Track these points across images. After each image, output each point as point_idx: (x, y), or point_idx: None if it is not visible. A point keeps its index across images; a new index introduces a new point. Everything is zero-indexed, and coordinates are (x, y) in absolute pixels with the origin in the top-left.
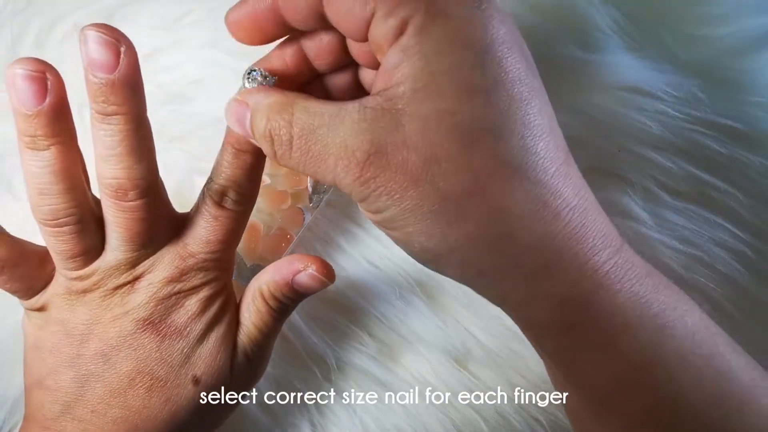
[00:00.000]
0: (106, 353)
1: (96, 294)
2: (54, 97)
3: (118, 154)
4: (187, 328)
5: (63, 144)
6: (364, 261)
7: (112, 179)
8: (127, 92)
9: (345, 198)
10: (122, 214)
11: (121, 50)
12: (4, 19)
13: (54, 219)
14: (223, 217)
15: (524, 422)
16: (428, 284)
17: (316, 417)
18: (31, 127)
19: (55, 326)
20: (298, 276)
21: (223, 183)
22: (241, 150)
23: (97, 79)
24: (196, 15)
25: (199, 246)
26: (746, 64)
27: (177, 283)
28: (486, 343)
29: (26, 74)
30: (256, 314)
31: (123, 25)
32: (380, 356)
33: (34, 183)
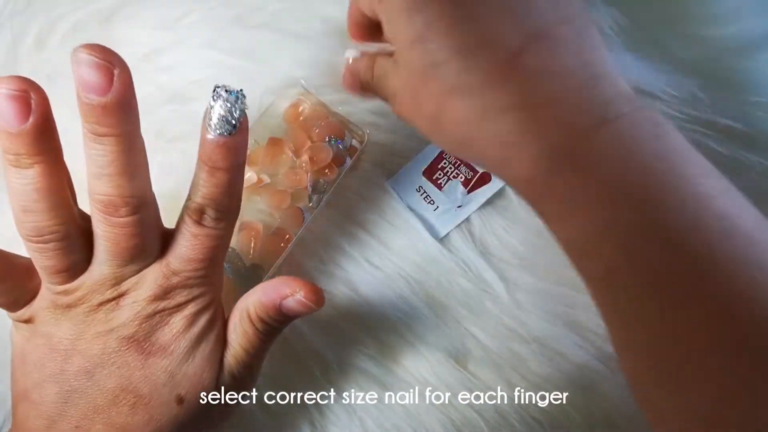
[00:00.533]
0: (90, 370)
1: (80, 309)
2: (37, 117)
3: (110, 173)
4: (171, 346)
5: (47, 162)
6: (365, 261)
7: (103, 195)
8: (120, 114)
9: (345, 198)
10: (112, 229)
11: (114, 73)
12: (4, 19)
13: (38, 236)
14: (203, 236)
15: (524, 422)
16: (428, 284)
17: (316, 417)
18: (15, 145)
19: (40, 339)
20: (285, 300)
21: (200, 201)
22: (215, 167)
23: (89, 101)
24: (196, 15)
25: (181, 264)
26: (746, 64)
27: (161, 301)
28: (486, 343)
29: (9, 93)
30: (243, 335)
31: (123, 25)
32: (380, 356)
33: (18, 200)
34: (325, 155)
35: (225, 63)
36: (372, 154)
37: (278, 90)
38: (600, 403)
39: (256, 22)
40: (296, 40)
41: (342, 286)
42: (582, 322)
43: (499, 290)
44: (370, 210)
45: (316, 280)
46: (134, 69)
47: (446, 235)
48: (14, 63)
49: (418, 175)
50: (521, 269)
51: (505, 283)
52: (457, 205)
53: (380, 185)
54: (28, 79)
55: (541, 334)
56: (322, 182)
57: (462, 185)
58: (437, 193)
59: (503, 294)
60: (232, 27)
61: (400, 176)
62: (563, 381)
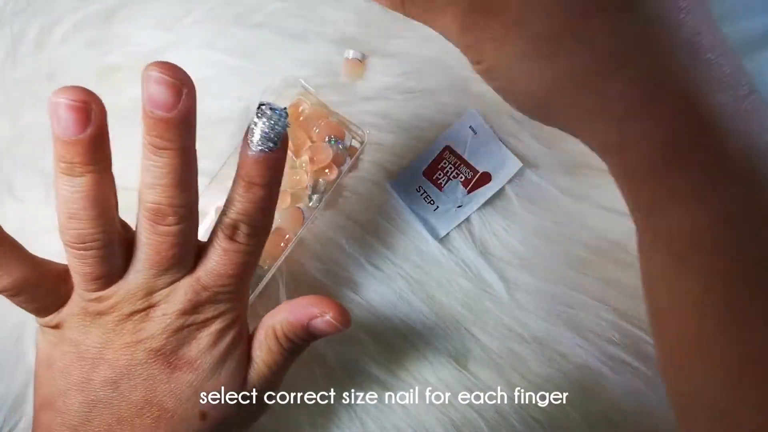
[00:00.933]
0: (116, 381)
1: (110, 318)
2: (94, 128)
3: (164, 184)
4: (197, 361)
5: (98, 172)
6: (365, 261)
7: (153, 204)
8: (182, 130)
9: (345, 198)
10: (156, 237)
11: (183, 92)
12: (4, 19)
13: (80, 243)
14: (234, 251)
15: (524, 422)
16: (428, 284)
17: (316, 417)
18: (69, 154)
19: (67, 347)
20: (314, 321)
21: (234, 217)
22: (252, 183)
23: (153, 115)
24: (196, 15)
25: (211, 279)
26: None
27: (190, 315)
28: (486, 343)
29: (69, 104)
30: (268, 353)
31: (123, 25)
32: (380, 356)
33: (65, 207)
34: (325, 155)
35: (225, 63)
36: (372, 154)
37: (278, 90)
38: (600, 403)
39: (256, 22)
40: (296, 39)
41: (342, 287)
42: (582, 322)
43: (499, 290)
44: (370, 210)
45: (317, 280)
46: (134, 69)
47: (446, 235)
48: (14, 63)
49: (418, 175)
50: (521, 269)
51: (505, 283)
52: (457, 205)
53: (380, 185)
54: (90, 91)
55: (541, 334)
56: (321, 182)
57: (462, 185)
58: (437, 193)
59: (503, 294)
60: (232, 27)
61: (400, 176)
62: (563, 381)
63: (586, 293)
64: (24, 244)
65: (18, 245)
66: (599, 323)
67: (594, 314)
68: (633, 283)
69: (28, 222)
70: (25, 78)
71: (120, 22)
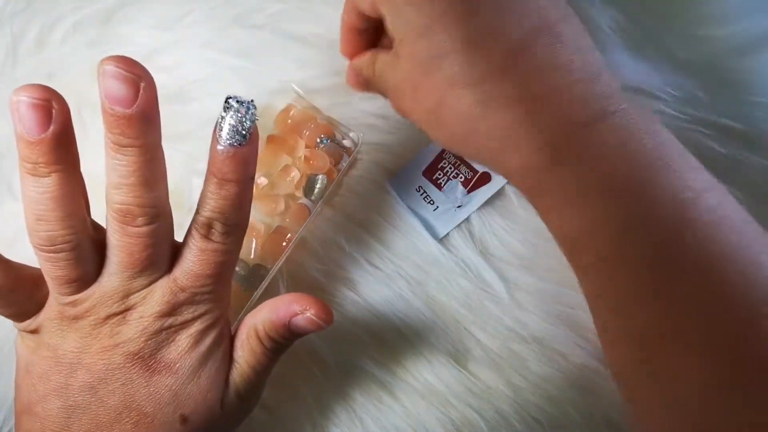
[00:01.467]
0: (94, 386)
1: (86, 322)
2: (57, 126)
3: (131, 183)
4: (177, 365)
5: (64, 171)
6: (365, 261)
7: (121, 205)
8: (144, 126)
9: (345, 198)
10: (127, 239)
11: (141, 86)
12: (4, 19)
13: (50, 245)
14: (210, 251)
15: (524, 422)
16: (428, 284)
17: (316, 417)
18: (33, 154)
19: (45, 351)
20: (295, 318)
21: (208, 215)
22: (225, 179)
23: (114, 112)
24: (196, 15)
25: (188, 280)
26: (746, 64)
27: (168, 317)
28: (486, 343)
29: (31, 102)
30: (250, 353)
31: (123, 25)
32: (380, 356)
33: (33, 208)
34: (322, 163)
35: (225, 63)
36: (372, 154)
37: (271, 95)
38: (600, 403)
39: (256, 23)
40: (296, 40)
41: (342, 286)
42: (582, 322)
43: (499, 290)
44: (370, 210)
45: (316, 280)
46: None
47: (446, 235)
48: (14, 63)
49: (418, 175)
50: (521, 269)
51: (505, 283)
52: (457, 205)
53: (380, 185)
54: (51, 89)
55: (541, 334)
56: (318, 180)
57: (462, 185)
58: (437, 193)
59: (503, 294)
60: (232, 27)
61: (400, 176)
62: (563, 381)
63: None
64: (24, 243)
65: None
66: None
67: None
68: None
69: None
70: (25, 78)
71: (120, 22)
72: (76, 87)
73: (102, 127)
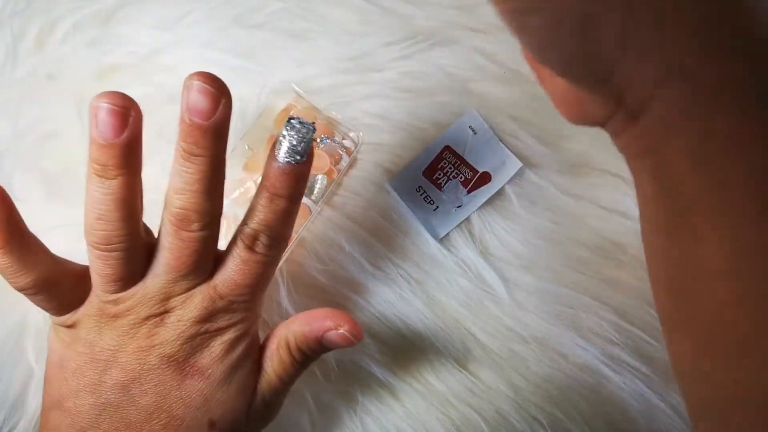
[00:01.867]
0: (127, 384)
1: (126, 321)
2: (130, 133)
3: (194, 190)
4: (209, 370)
5: (129, 176)
6: (365, 261)
7: (180, 209)
8: (215, 138)
9: (345, 198)
10: (179, 242)
11: (221, 102)
12: (4, 19)
13: (106, 244)
14: (253, 261)
15: (524, 422)
16: (428, 284)
17: (316, 417)
18: (104, 156)
19: (81, 347)
20: (328, 333)
21: (255, 227)
22: (276, 194)
23: (192, 122)
24: (196, 15)
25: (227, 288)
26: None
27: (205, 323)
28: (486, 343)
29: (110, 108)
30: (279, 363)
31: (123, 25)
32: (380, 356)
33: (95, 208)
34: (322, 163)
35: (225, 63)
36: (372, 154)
37: (271, 95)
38: (600, 403)
39: (256, 22)
40: (296, 40)
41: (342, 287)
42: (582, 322)
43: (499, 290)
44: (370, 210)
45: (316, 280)
46: (134, 69)
47: (446, 235)
48: (14, 63)
49: (418, 175)
50: (521, 269)
51: (505, 283)
52: (457, 205)
53: (380, 185)
54: (130, 98)
55: (541, 334)
56: (318, 180)
57: (462, 185)
58: (437, 193)
59: (503, 294)
60: (232, 27)
61: (400, 176)
62: (563, 381)
63: (586, 293)
64: None
65: (40, 244)
66: (599, 323)
67: (594, 314)
68: (633, 283)
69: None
70: (25, 78)
71: (120, 22)
72: (76, 87)
73: None
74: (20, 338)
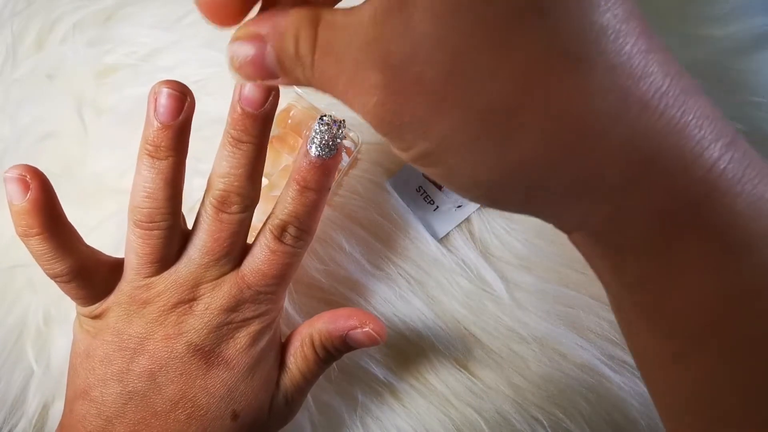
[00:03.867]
0: (154, 372)
1: (155, 307)
2: (185, 117)
3: (238, 173)
4: (234, 361)
5: (178, 158)
6: (365, 261)
7: (222, 191)
8: (263, 127)
9: (345, 198)
10: (218, 223)
11: (271, 94)
12: (4, 19)
13: (149, 221)
14: (281, 252)
15: (524, 422)
16: (428, 284)
17: (316, 417)
18: (158, 137)
19: (109, 336)
20: (353, 332)
21: (284, 218)
22: (307, 187)
23: (244, 111)
24: (196, 15)
25: (254, 277)
26: (746, 64)
27: (232, 312)
28: (486, 343)
29: (170, 92)
30: (303, 360)
31: (123, 25)
32: (380, 356)
33: (144, 186)
34: None
35: (225, 63)
36: (372, 154)
37: None
38: (600, 403)
39: None
40: None
41: (342, 286)
42: (582, 322)
43: (499, 290)
44: (370, 210)
45: (316, 280)
46: (134, 69)
47: (446, 235)
48: (14, 63)
49: (418, 175)
50: (521, 269)
51: (505, 283)
52: (457, 205)
53: (380, 185)
54: (186, 86)
55: (541, 334)
56: None
57: None
58: (437, 193)
59: (503, 294)
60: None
61: (400, 176)
62: (563, 381)
63: (586, 293)
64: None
65: (76, 232)
66: (599, 323)
67: (594, 314)
68: None
69: None
70: (25, 78)
71: (120, 22)
72: (76, 87)
73: (101, 128)
74: (20, 338)
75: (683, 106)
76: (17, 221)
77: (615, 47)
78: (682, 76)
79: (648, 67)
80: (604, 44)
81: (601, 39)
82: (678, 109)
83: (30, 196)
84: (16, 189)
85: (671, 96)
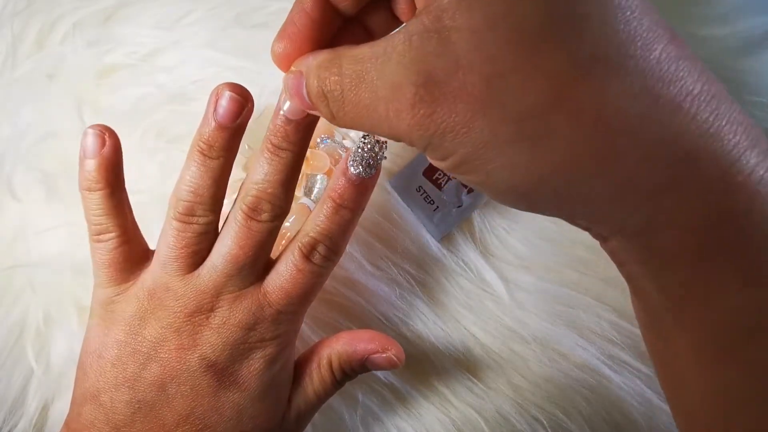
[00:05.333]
0: (165, 382)
1: (171, 311)
2: (242, 121)
3: (274, 181)
4: (246, 383)
5: (228, 159)
6: (365, 261)
7: (255, 197)
8: (302, 135)
9: None
10: (245, 230)
11: None
12: (4, 19)
13: (188, 215)
14: (307, 271)
15: (524, 422)
16: (428, 284)
17: (316, 417)
18: (213, 137)
19: (122, 334)
20: (374, 356)
21: (315, 236)
22: (343, 206)
23: (286, 119)
24: (196, 15)
25: (277, 296)
26: (746, 64)
27: (250, 330)
28: (486, 343)
29: (233, 96)
30: (320, 382)
31: (123, 25)
32: None
33: (190, 181)
34: (322, 163)
35: (225, 63)
36: None
37: (271, 95)
38: (600, 403)
39: (256, 22)
40: None
41: (341, 286)
42: (582, 322)
43: (499, 290)
44: (370, 210)
45: None
46: (134, 69)
47: (446, 235)
48: (14, 63)
49: (418, 175)
50: (521, 269)
51: (505, 283)
52: (457, 205)
53: (380, 185)
54: (248, 91)
55: (542, 334)
56: (318, 180)
57: (462, 185)
58: (437, 193)
59: (503, 294)
60: (232, 27)
61: (400, 176)
62: (563, 381)
63: (586, 293)
64: (24, 243)
65: (129, 203)
66: (599, 323)
67: (594, 314)
68: None
69: (28, 222)
70: (25, 78)
71: (120, 22)
72: (76, 87)
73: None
74: (20, 338)
75: (716, 110)
76: (85, 175)
77: (644, 53)
78: (713, 82)
79: (678, 72)
80: (633, 50)
81: (629, 45)
82: (710, 114)
83: (104, 152)
84: (93, 142)
85: (703, 100)
